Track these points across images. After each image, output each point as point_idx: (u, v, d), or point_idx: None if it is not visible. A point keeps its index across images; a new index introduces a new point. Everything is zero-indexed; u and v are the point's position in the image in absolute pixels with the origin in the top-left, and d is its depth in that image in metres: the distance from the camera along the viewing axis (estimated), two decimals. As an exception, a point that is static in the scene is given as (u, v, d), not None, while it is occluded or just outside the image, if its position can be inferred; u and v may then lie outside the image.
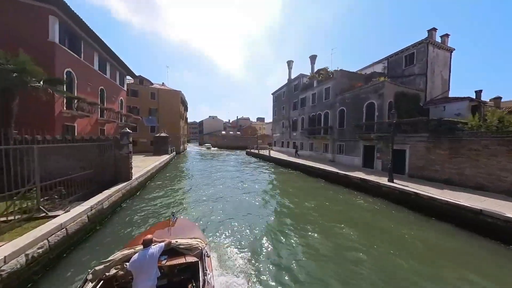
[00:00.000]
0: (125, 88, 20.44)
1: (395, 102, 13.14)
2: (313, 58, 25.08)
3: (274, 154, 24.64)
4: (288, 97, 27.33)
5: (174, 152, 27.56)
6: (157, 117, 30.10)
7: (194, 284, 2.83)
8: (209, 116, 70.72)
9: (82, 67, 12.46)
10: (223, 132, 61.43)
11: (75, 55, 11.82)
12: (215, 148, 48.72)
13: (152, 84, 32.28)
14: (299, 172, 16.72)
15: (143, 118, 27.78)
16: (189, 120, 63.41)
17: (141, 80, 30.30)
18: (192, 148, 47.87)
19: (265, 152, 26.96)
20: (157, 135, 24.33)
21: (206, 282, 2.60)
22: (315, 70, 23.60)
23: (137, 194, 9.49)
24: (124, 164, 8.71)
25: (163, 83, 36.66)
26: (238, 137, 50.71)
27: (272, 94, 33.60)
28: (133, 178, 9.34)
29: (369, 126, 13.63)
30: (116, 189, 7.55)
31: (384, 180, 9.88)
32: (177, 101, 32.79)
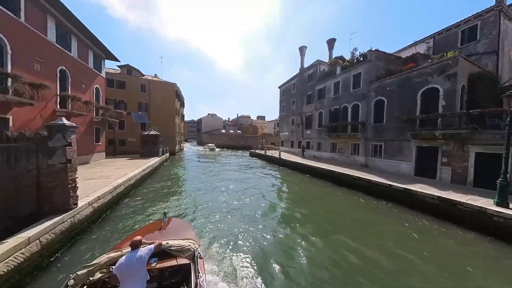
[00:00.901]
0: (103, 74, 16.44)
1: (468, 87, 9.46)
2: (331, 43, 21.34)
3: (284, 156, 20.91)
4: (300, 89, 23.56)
5: (167, 154, 23.68)
6: (149, 113, 26.11)
7: (185, 287, 2.72)
8: (208, 114, 66.64)
9: (21, 32, 8.52)
10: (223, 131, 57.57)
11: (6, 11, 7.86)
12: (217, 149, 45.00)
13: (143, 75, 28.23)
14: (325, 182, 12.93)
15: (132, 114, 23.78)
16: (187, 119, 59.20)
17: (129, 69, 26.26)
18: (189, 148, 44.01)
19: (272, 153, 23.24)
20: (146, 133, 20.37)
21: (198, 285, 2.50)
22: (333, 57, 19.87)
23: (88, 231, 5.64)
24: (57, 183, 4.87)
25: (155, 74, 32.56)
26: (240, 136, 46.98)
27: (279, 87, 29.81)
28: (81, 204, 5.51)
29: (428, 121, 9.96)
30: (16, 243, 3.63)
31: (483, 202, 6.24)
32: (172, 95, 28.79)
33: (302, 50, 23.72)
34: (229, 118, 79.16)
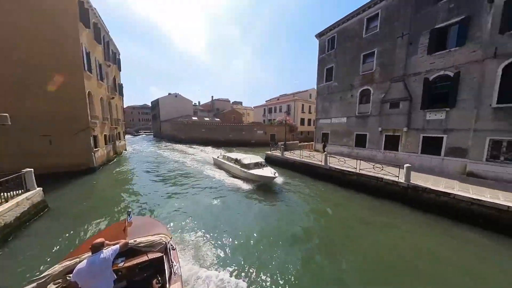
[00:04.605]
0: None
1: None
2: None
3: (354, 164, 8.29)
4: (402, 24, 10.88)
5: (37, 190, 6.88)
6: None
7: (159, 279, 2.73)
8: (169, 94, 45.90)
9: None
10: (194, 118, 39.73)
11: None
12: (179, 146, 27.76)
13: None
14: None
15: None
16: (137, 103, 37.50)
17: None
18: (139, 151, 25.05)
19: (317, 158, 10.31)
20: None
21: (173, 273, 2.62)
22: None
23: None
24: None
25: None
26: (225, 126, 31.26)
27: (319, 36, 16.21)
28: None
29: None
30: None
31: None
32: (71, 19, 10.69)
33: None
34: (199, 102, 59.63)
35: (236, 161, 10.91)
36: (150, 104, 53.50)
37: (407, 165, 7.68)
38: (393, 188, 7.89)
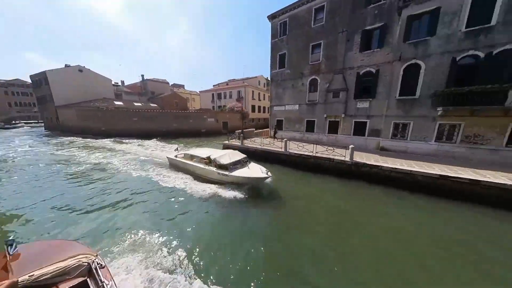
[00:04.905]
0: None
1: None
2: None
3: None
4: (340, 19, 12.17)
5: None
6: None
7: None
8: (67, 66, 31.52)
9: None
10: (118, 103, 30.40)
11: None
12: (100, 141, 20.93)
13: None
14: None
15: None
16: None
17: None
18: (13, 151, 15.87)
19: (277, 144, 11.22)
20: None
21: None
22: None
23: None
24: None
25: None
26: (169, 114, 25.72)
27: (271, 18, 15.65)
28: None
29: None
30: None
31: None
32: None
33: None
34: (123, 82, 45.66)
35: (209, 161, 8.41)
36: (30, 80, 34.78)
37: (351, 146, 9.28)
38: (341, 166, 9.39)
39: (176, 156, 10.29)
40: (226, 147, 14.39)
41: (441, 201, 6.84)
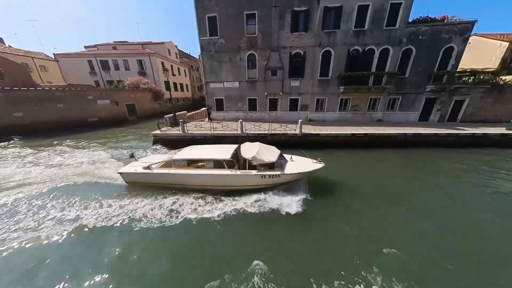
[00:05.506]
0: None
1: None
2: None
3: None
4: (271, -8, 11.93)
5: None
6: None
7: None
8: None
9: None
10: None
11: None
12: None
13: None
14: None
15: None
16: None
17: None
18: None
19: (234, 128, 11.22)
20: None
21: None
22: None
23: None
24: None
25: None
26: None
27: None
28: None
29: (440, 77, 12.35)
30: None
31: None
32: None
33: None
34: None
35: (232, 163, 5.94)
36: None
37: (300, 120, 10.71)
38: (293, 139, 10.75)
39: (149, 167, 6.30)
40: (159, 138, 10.81)
41: (356, 150, 10.27)
